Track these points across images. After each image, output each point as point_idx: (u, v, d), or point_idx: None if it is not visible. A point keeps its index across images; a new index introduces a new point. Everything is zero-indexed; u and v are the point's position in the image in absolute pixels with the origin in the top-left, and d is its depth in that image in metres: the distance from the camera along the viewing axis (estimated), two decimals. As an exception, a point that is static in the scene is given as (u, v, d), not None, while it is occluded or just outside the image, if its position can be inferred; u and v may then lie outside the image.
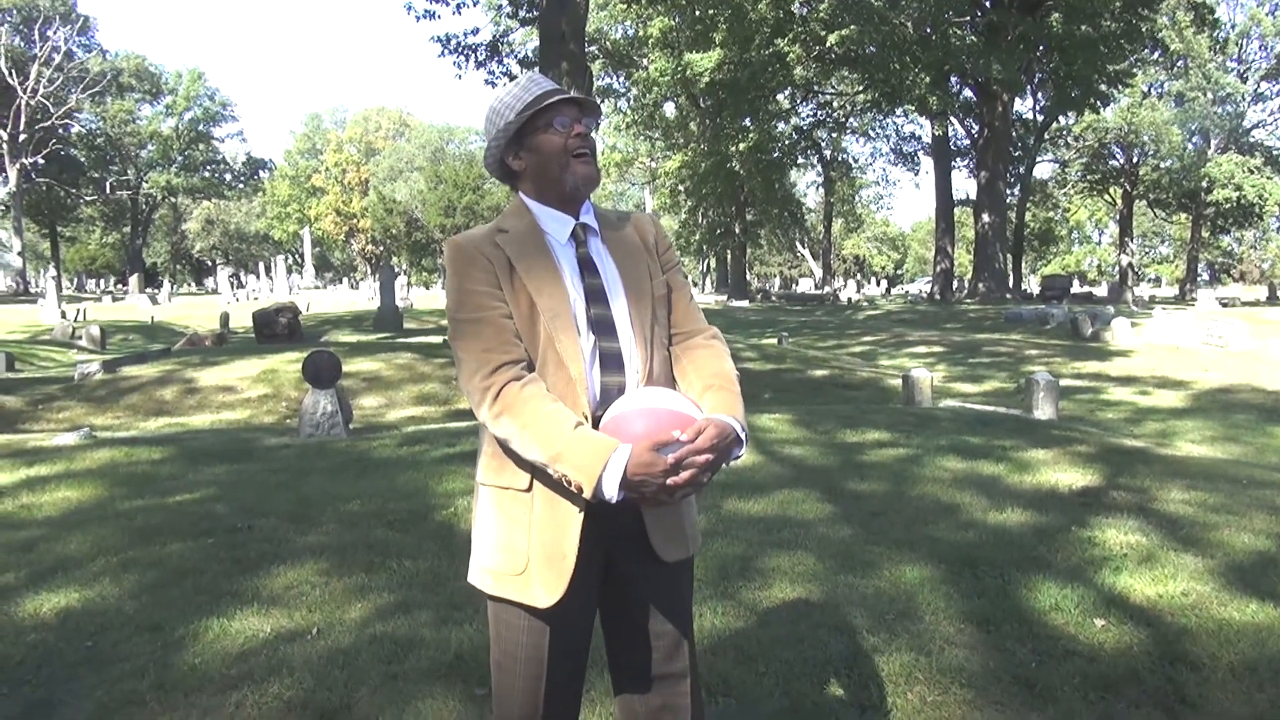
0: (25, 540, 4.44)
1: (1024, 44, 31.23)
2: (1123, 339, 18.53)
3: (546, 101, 1.89)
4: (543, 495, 1.86)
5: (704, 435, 1.72)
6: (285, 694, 2.95)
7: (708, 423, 1.75)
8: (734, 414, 1.82)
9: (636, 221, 2.06)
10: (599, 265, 1.94)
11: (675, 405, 1.78)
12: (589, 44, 28.33)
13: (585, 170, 1.92)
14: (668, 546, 1.94)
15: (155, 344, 20.57)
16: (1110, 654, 3.20)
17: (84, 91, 50.74)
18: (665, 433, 1.71)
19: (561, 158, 1.90)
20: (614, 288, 1.92)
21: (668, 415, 1.74)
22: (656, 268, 2.00)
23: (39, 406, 10.35)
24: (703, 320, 2.05)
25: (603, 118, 2.06)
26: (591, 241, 1.96)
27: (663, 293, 1.98)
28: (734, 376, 1.95)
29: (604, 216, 2.03)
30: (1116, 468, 5.71)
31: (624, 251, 1.97)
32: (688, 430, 1.72)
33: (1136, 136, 47.38)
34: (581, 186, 1.93)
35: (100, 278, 72.98)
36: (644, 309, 1.92)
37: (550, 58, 15.43)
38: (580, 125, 1.92)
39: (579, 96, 1.96)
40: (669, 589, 1.98)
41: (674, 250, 2.10)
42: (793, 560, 4.09)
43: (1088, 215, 68.84)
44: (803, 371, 13.34)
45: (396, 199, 61.58)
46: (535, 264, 1.88)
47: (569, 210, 1.95)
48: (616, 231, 2.01)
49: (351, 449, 6.58)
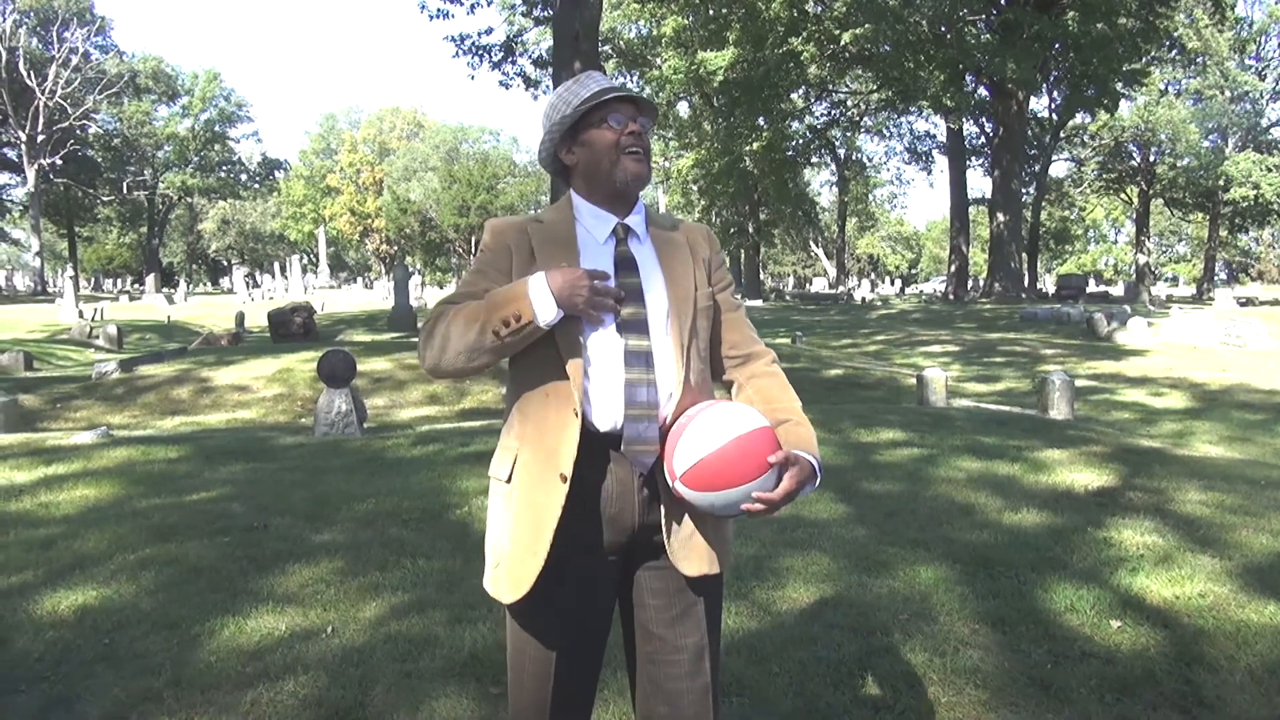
0: (44, 538, 4.48)
1: (1039, 42, 31.02)
2: (1139, 338, 18.42)
3: (603, 98, 1.89)
4: (520, 489, 1.85)
5: (789, 475, 1.76)
6: (300, 692, 2.96)
7: (796, 458, 1.77)
8: (812, 451, 1.84)
9: (689, 231, 2.03)
10: (638, 264, 1.91)
11: (738, 435, 1.75)
12: (603, 43, 28.41)
13: (636, 168, 1.91)
14: (689, 560, 1.89)
15: (171, 343, 20.71)
16: (1127, 655, 3.19)
17: (101, 93, 51.05)
18: (760, 458, 1.72)
19: (612, 153, 1.90)
20: (653, 288, 1.89)
21: (757, 437, 1.75)
22: (704, 279, 1.96)
23: (57, 405, 10.43)
24: (760, 343, 2.03)
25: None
26: (632, 241, 1.94)
27: (706, 304, 1.94)
28: (801, 408, 1.95)
29: (655, 219, 2.01)
30: (1133, 468, 5.68)
31: (669, 255, 1.94)
32: (776, 455, 1.73)
33: (1153, 135, 47.10)
34: (631, 184, 1.92)
35: (117, 277, 73.46)
36: (684, 314, 1.89)
37: (564, 57, 15.44)
38: (635, 124, 1.91)
39: (636, 95, 1.95)
40: (690, 603, 1.92)
41: (726, 270, 2.06)
42: (807, 560, 4.09)
43: (1104, 214, 68.53)
44: (816, 371, 13.31)
45: (411, 199, 61.71)
46: (555, 258, 1.88)
47: (617, 209, 1.94)
48: (665, 235, 1.98)
49: (366, 448, 6.60)
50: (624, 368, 1.84)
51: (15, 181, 54.34)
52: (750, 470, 1.71)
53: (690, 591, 1.92)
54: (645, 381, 1.84)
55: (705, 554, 1.90)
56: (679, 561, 1.89)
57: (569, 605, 1.87)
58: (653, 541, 1.89)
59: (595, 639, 1.94)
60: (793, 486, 1.75)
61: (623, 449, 1.83)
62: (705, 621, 1.95)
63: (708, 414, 1.78)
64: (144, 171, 59.69)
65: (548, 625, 1.88)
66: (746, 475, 1.72)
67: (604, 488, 1.86)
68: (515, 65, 24.08)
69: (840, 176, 51.25)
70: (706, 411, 1.79)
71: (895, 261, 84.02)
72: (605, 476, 1.85)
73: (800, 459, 1.78)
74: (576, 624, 1.90)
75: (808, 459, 1.80)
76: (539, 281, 1.76)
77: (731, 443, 1.72)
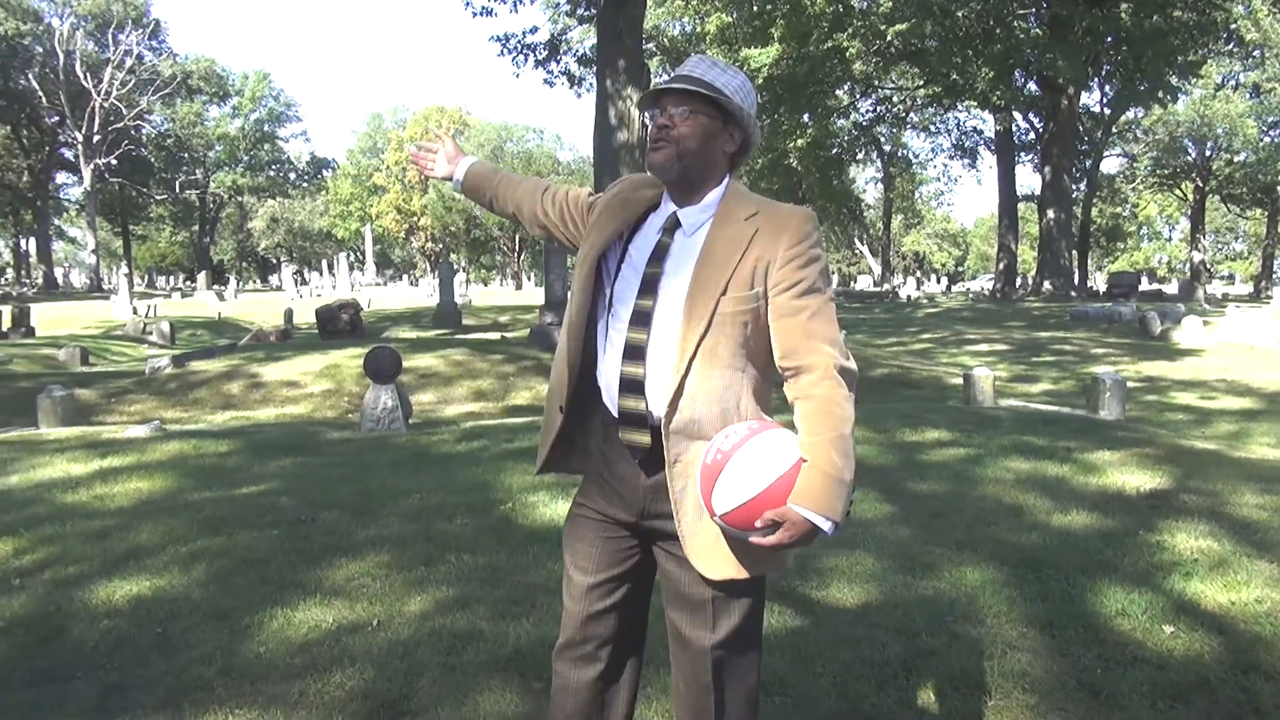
0: (100, 529, 4.58)
1: (1091, 36, 30.42)
2: (1194, 338, 18.02)
3: (646, 102, 1.98)
4: (547, 401, 2.12)
5: (779, 533, 1.76)
6: (347, 684, 3.00)
7: (787, 516, 1.75)
8: (812, 504, 1.75)
9: (773, 221, 1.87)
10: (668, 258, 1.93)
11: (779, 473, 1.77)
12: (646, 41, 28.36)
13: (653, 158, 1.95)
14: (709, 561, 1.89)
15: (222, 339, 21.09)
16: (1180, 662, 3.12)
17: (155, 94, 52.14)
18: (758, 516, 1.76)
19: (647, 149, 1.99)
20: (671, 285, 1.91)
21: (766, 495, 1.76)
22: (748, 279, 1.85)
23: (112, 400, 10.67)
24: (819, 352, 1.84)
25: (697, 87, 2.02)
26: (678, 234, 1.95)
27: (740, 309, 1.84)
28: (833, 441, 1.78)
29: (733, 209, 1.91)
30: (1187, 470, 5.55)
31: (714, 251, 1.88)
32: (764, 519, 1.76)
33: (1209, 129, 45.99)
34: (656, 174, 1.97)
35: (170, 275, 74.94)
36: (697, 316, 1.85)
37: (608, 55, 15.47)
38: (662, 116, 1.93)
39: (659, 89, 1.95)
40: (701, 600, 1.93)
41: (807, 268, 1.85)
42: (851, 560, 4.05)
43: (1158, 210, 67.10)
44: (862, 370, 13.14)
45: (456, 196, 62.19)
46: (606, 225, 2.02)
47: (676, 199, 1.98)
48: (728, 230, 1.89)
49: (411, 443, 6.67)
50: (622, 360, 1.92)
51: (72, 181, 55.80)
52: (753, 513, 1.78)
53: (707, 588, 1.92)
54: (638, 376, 1.90)
55: (726, 558, 1.89)
56: (699, 562, 1.90)
57: (587, 540, 2.04)
58: (667, 530, 1.94)
59: (611, 584, 2.02)
60: (783, 541, 1.76)
61: (619, 435, 1.95)
62: (722, 623, 1.94)
63: (747, 453, 1.77)
64: (196, 171, 60.94)
65: (574, 541, 2.08)
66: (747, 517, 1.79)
67: (612, 462, 2.00)
68: (559, 64, 24.08)
69: (885, 173, 50.80)
70: (745, 449, 1.78)
71: (941, 259, 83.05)
72: (615, 453, 1.98)
73: (792, 517, 1.75)
74: (593, 562, 2.03)
75: (802, 517, 1.74)
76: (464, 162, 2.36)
77: (773, 485, 1.76)
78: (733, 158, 1.98)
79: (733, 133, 1.94)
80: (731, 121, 1.93)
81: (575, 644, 2.05)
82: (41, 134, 52.08)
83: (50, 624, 3.50)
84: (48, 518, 4.78)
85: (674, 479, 1.89)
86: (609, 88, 15.30)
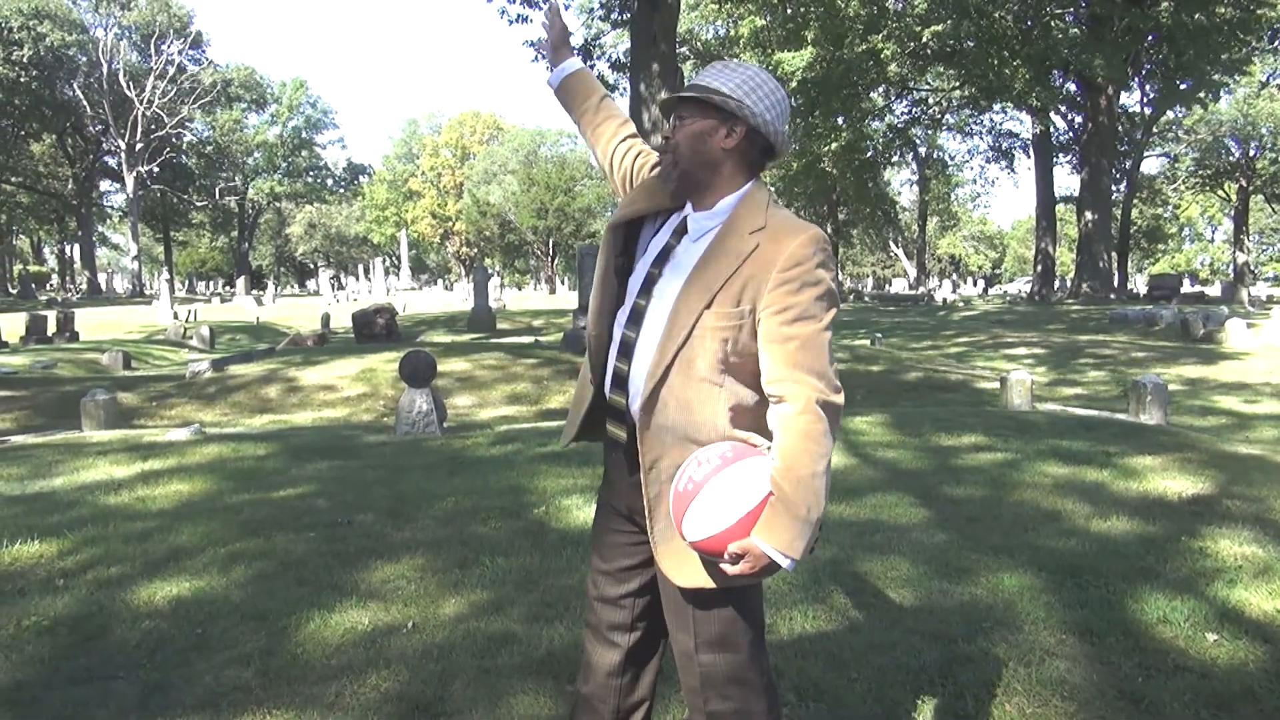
0: (141, 531, 4.65)
1: (1130, 35, 29.98)
2: (1238, 341, 17.67)
3: (663, 118, 2.11)
4: (578, 386, 2.18)
5: (738, 567, 1.81)
6: (382, 685, 3.03)
7: (748, 550, 1.79)
8: (772, 541, 1.77)
9: (774, 243, 1.82)
10: (669, 261, 1.96)
11: (747, 509, 1.80)
12: (680, 45, 28.38)
13: (658, 170, 2.03)
14: (678, 569, 1.92)
15: (260, 344, 21.36)
16: (1224, 670, 3.06)
17: (195, 102, 53.01)
18: (725, 547, 1.80)
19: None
20: (666, 289, 1.93)
21: (734, 530, 1.79)
22: (735, 298, 1.81)
23: (153, 403, 10.84)
24: (801, 382, 1.78)
25: (698, 94, 2.01)
26: (685, 239, 1.96)
27: (722, 325, 1.81)
28: (803, 479, 1.76)
29: (740, 223, 1.87)
30: (1231, 475, 5.45)
31: (708, 263, 1.86)
32: (729, 551, 1.80)
33: (1254, 129, 45.21)
34: (663, 185, 2.01)
35: (209, 280, 76.14)
36: (679, 324, 1.84)
37: (642, 59, 15.51)
38: (668, 125, 1.98)
39: (665, 103, 2.00)
40: (678, 603, 1.97)
41: (800, 293, 1.79)
42: (886, 565, 4.02)
43: (1199, 211, 65.98)
44: (896, 373, 13.08)
45: (490, 201, 62.58)
46: (638, 200, 2.08)
47: (689, 203, 1.99)
48: (727, 243, 1.86)
49: (446, 447, 6.71)
50: (616, 354, 1.98)
51: (115, 188, 56.84)
52: (722, 539, 1.81)
53: (680, 594, 1.95)
54: (624, 372, 1.95)
55: (698, 568, 1.91)
56: (668, 568, 1.93)
57: (601, 528, 2.16)
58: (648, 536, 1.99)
59: (620, 583, 2.10)
60: (744, 572, 1.80)
61: (607, 424, 2.04)
62: (702, 629, 1.95)
63: (717, 484, 1.79)
64: (235, 178, 61.89)
65: (596, 528, 2.20)
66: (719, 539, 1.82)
67: (610, 452, 2.10)
68: (593, 68, 24.22)
69: (921, 175, 50.38)
70: (716, 480, 1.79)
71: (978, 261, 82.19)
72: (612, 444, 2.08)
73: (754, 550, 1.78)
74: (606, 550, 2.13)
75: (762, 551, 1.77)
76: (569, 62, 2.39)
77: (742, 520, 1.78)
78: (748, 157, 1.91)
79: (733, 127, 1.87)
80: (730, 118, 1.88)
81: (593, 626, 2.17)
82: (86, 143, 53.19)
83: (93, 624, 3.55)
84: (91, 519, 4.86)
85: (649, 484, 1.92)
86: (643, 92, 15.33)
